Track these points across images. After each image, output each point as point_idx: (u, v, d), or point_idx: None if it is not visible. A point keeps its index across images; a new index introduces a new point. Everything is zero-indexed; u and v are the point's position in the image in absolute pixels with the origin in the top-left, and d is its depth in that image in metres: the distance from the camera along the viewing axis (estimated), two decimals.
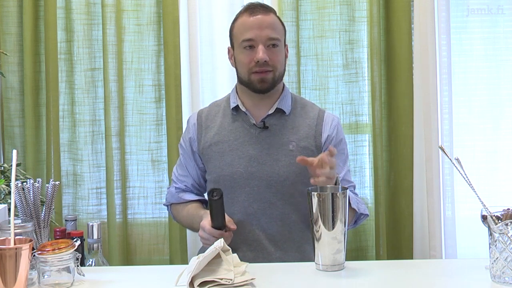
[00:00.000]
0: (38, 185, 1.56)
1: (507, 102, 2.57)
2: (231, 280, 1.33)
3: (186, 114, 2.47)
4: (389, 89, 2.51)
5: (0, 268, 1.23)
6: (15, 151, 1.35)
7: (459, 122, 2.54)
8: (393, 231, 2.51)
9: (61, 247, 1.35)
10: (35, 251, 1.34)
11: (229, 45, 1.90)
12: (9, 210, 1.53)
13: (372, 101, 2.48)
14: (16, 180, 1.74)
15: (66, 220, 1.73)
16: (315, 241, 1.45)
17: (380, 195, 2.47)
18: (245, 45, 1.79)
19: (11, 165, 1.44)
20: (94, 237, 1.67)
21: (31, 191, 1.54)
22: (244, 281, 1.34)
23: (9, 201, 1.91)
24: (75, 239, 1.41)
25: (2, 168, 2.17)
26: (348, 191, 1.48)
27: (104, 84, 2.48)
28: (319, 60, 2.52)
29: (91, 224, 1.67)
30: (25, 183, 1.55)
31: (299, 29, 2.49)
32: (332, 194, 1.44)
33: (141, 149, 2.53)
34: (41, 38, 2.49)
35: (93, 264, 1.66)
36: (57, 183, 1.60)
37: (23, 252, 1.25)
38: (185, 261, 2.41)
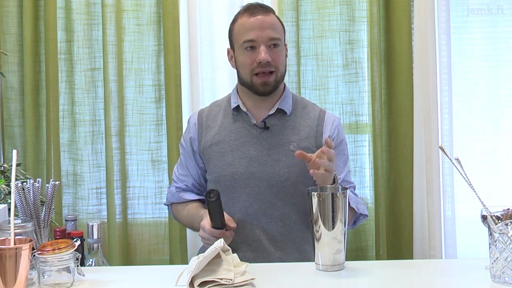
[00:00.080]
0: (38, 185, 1.56)
1: (507, 102, 2.57)
2: (231, 280, 1.33)
3: (186, 114, 2.47)
4: (389, 89, 2.51)
5: (0, 268, 1.23)
6: (15, 151, 1.35)
7: (459, 122, 2.54)
8: (393, 231, 2.51)
9: (61, 247, 1.35)
10: (35, 251, 1.34)
11: (228, 47, 1.90)
12: (9, 210, 1.53)
13: (372, 101, 2.48)
14: (16, 180, 1.74)
15: (66, 220, 1.73)
16: (315, 241, 1.45)
17: (380, 195, 2.47)
18: (246, 46, 1.79)
19: (11, 165, 1.44)
20: (94, 237, 1.67)
21: (31, 191, 1.54)
22: (244, 281, 1.34)
23: (9, 201, 1.91)
24: (75, 239, 1.41)
25: (2, 168, 2.17)
26: (348, 191, 1.48)
27: (104, 84, 2.48)
28: (319, 60, 2.52)
29: (91, 224, 1.67)
30: (25, 183, 1.55)
31: (299, 29, 2.49)
32: (332, 194, 1.44)
33: (141, 149, 2.53)
34: (41, 38, 2.49)
35: (93, 264, 1.66)
36: (57, 183, 1.60)
37: (23, 252, 1.25)
38: (185, 261, 2.41)
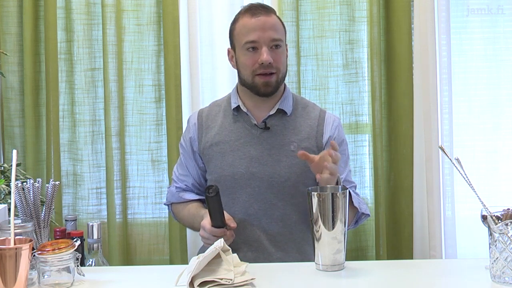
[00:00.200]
0: (38, 185, 1.56)
1: (507, 102, 2.57)
2: (231, 280, 1.33)
3: (186, 114, 2.47)
4: (389, 89, 2.51)
5: (0, 268, 1.23)
6: (15, 151, 1.35)
7: (459, 122, 2.54)
8: (393, 231, 2.51)
9: (61, 247, 1.35)
10: (35, 251, 1.34)
11: (229, 47, 1.89)
12: (9, 210, 1.53)
13: (372, 101, 2.48)
14: (16, 180, 1.74)
15: (66, 220, 1.73)
16: (315, 241, 1.45)
17: (380, 195, 2.47)
18: (248, 47, 1.78)
19: (11, 165, 1.44)
20: (94, 237, 1.67)
21: (31, 191, 1.54)
22: (244, 281, 1.34)
23: (9, 201, 1.91)
24: (75, 239, 1.41)
25: (2, 168, 2.17)
26: (348, 191, 1.48)
27: (104, 84, 2.48)
28: (319, 60, 2.52)
29: (91, 224, 1.67)
30: (25, 183, 1.55)
31: (299, 29, 2.49)
32: (332, 194, 1.44)
33: (141, 149, 2.53)
34: (41, 38, 2.49)
35: (93, 264, 1.66)
36: (57, 183, 1.60)
37: (23, 252, 1.25)
38: (185, 261, 2.41)
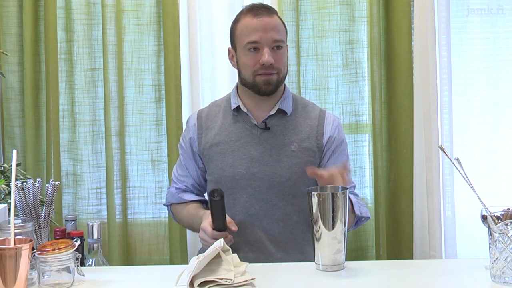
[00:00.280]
0: (38, 185, 1.56)
1: (507, 102, 2.57)
2: (231, 280, 1.33)
3: (186, 114, 2.46)
4: (389, 89, 2.51)
5: (0, 268, 1.23)
6: (15, 151, 1.35)
7: (459, 122, 2.54)
8: (393, 231, 2.51)
9: (61, 247, 1.35)
10: (35, 251, 1.34)
11: (229, 46, 1.89)
12: (9, 210, 1.53)
13: (372, 101, 2.48)
14: (16, 180, 1.74)
15: (66, 220, 1.73)
16: (315, 241, 1.45)
17: (380, 195, 2.47)
18: (249, 47, 1.78)
19: (11, 165, 1.44)
20: (94, 237, 1.67)
21: (31, 191, 1.54)
22: (244, 281, 1.34)
23: (9, 201, 1.91)
24: (75, 239, 1.41)
25: (2, 168, 2.17)
26: (348, 191, 1.48)
27: (104, 84, 2.48)
28: (319, 60, 2.52)
29: (91, 224, 1.67)
30: (25, 183, 1.55)
31: (299, 29, 2.49)
32: (332, 194, 1.44)
33: (141, 149, 2.53)
34: (41, 38, 2.49)
35: (93, 264, 1.66)
36: (57, 183, 1.60)
37: (23, 252, 1.25)
38: (185, 261, 2.41)
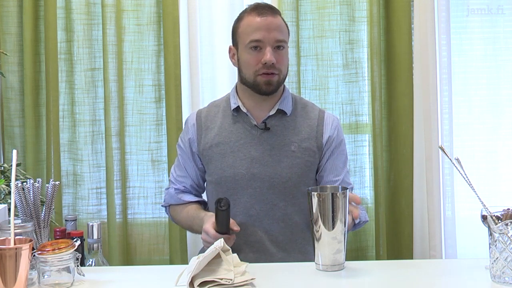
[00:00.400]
0: (38, 185, 1.56)
1: (507, 102, 2.57)
2: (231, 280, 1.33)
3: (186, 114, 2.46)
4: (389, 89, 2.51)
5: (0, 268, 1.23)
6: (15, 151, 1.35)
7: (459, 122, 2.54)
8: (393, 231, 2.51)
9: (61, 247, 1.35)
10: (35, 251, 1.34)
11: (230, 44, 1.88)
12: (9, 210, 1.53)
13: (372, 101, 2.48)
14: (16, 180, 1.74)
15: (66, 220, 1.73)
16: (315, 241, 1.45)
17: (380, 195, 2.47)
18: (251, 46, 1.77)
19: (11, 165, 1.44)
20: (94, 237, 1.67)
21: (31, 191, 1.54)
22: (244, 281, 1.34)
23: (9, 201, 1.91)
24: (75, 239, 1.41)
25: (2, 168, 2.17)
26: (348, 191, 1.48)
27: (104, 84, 2.48)
28: (319, 60, 2.52)
29: (91, 224, 1.67)
30: (25, 183, 1.55)
31: (299, 29, 2.49)
32: (332, 194, 1.44)
33: (141, 149, 2.53)
34: (41, 38, 2.49)
35: (93, 264, 1.66)
36: (57, 183, 1.60)
37: (23, 252, 1.25)
38: (185, 261, 2.41)
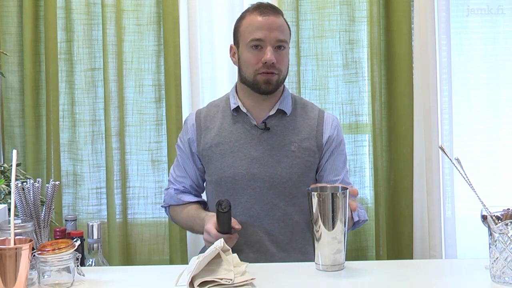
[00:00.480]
0: (38, 185, 1.56)
1: (507, 102, 2.57)
2: (231, 280, 1.33)
3: (186, 114, 2.46)
4: (389, 89, 2.51)
5: (0, 268, 1.23)
6: (15, 151, 1.35)
7: (459, 122, 2.54)
8: (393, 231, 2.51)
9: (61, 247, 1.35)
10: (35, 251, 1.34)
11: (231, 43, 1.89)
12: (9, 210, 1.53)
13: (372, 101, 2.48)
14: (16, 180, 1.74)
15: (66, 220, 1.73)
16: (315, 241, 1.45)
17: (380, 195, 2.47)
18: (252, 45, 1.77)
19: (11, 165, 1.44)
20: (94, 237, 1.67)
21: (31, 191, 1.54)
22: (244, 281, 1.34)
23: (9, 201, 1.91)
24: (75, 239, 1.41)
25: (2, 168, 2.17)
26: (348, 191, 1.48)
27: (104, 84, 2.48)
28: (319, 60, 2.52)
29: (91, 224, 1.67)
30: (25, 183, 1.55)
31: (299, 29, 2.49)
32: (332, 194, 1.44)
33: (141, 149, 2.53)
34: (41, 38, 2.49)
35: (93, 264, 1.66)
36: (57, 183, 1.60)
37: (23, 252, 1.25)
38: (185, 261, 2.41)
